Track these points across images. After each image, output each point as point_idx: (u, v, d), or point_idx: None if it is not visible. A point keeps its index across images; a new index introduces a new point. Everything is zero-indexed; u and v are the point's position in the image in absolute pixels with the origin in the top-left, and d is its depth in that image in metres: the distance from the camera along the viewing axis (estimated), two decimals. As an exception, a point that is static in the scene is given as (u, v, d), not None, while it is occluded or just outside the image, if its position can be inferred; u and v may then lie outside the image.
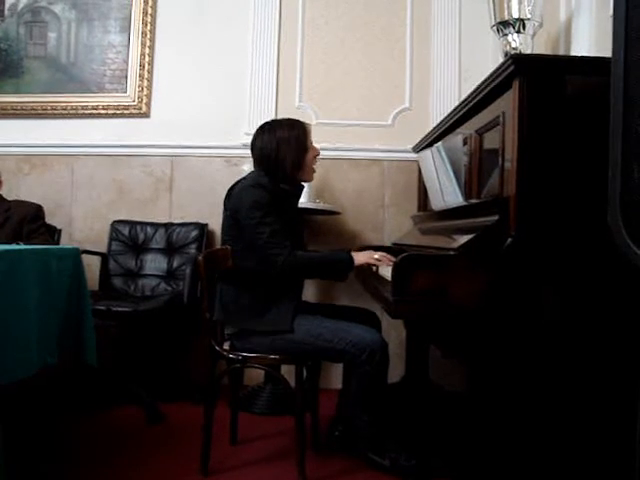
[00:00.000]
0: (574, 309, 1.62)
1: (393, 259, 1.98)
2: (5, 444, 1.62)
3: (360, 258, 2.09)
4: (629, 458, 1.24)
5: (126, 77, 3.36)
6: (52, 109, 3.38)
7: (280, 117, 2.33)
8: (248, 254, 2.07)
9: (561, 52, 2.35)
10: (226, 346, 2.10)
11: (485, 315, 1.61)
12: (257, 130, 2.21)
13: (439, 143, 2.21)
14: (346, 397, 2.19)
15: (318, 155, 2.24)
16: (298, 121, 2.22)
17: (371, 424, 2.03)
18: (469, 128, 2.10)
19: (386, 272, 1.86)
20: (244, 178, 2.16)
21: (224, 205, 2.17)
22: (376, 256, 2.09)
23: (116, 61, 3.38)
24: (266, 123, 2.22)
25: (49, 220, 3.02)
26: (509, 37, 2.27)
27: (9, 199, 2.97)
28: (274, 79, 3.28)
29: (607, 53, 1.15)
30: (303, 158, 2.16)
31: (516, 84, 1.64)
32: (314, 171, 2.26)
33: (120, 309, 2.58)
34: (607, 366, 1.61)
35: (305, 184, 2.28)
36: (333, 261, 2.12)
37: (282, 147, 2.12)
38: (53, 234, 2.98)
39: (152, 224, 3.26)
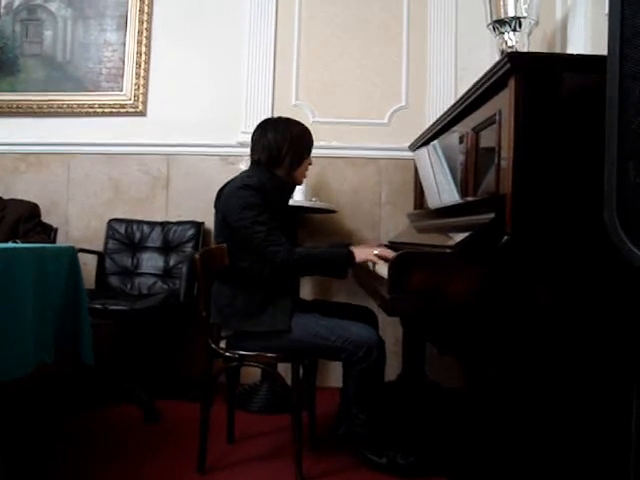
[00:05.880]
0: (570, 307, 1.62)
1: (393, 253, 1.98)
2: (2, 442, 1.62)
3: (361, 255, 2.07)
4: (625, 452, 1.25)
5: (122, 75, 3.35)
6: (48, 107, 3.37)
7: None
8: (242, 255, 2.07)
9: (557, 50, 2.36)
10: (223, 344, 2.10)
11: (481, 312, 1.61)
12: (269, 120, 2.25)
13: (435, 141, 2.21)
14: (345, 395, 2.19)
15: (311, 165, 2.29)
16: (309, 130, 2.26)
17: (368, 422, 2.04)
18: (465, 126, 2.10)
19: (383, 270, 1.86)
20: (233, 180, 2.16)
21: (215, 207, 2.18)
22: (376, 252, 2.06)
23: (112, 59, 3.37)
24: (280, 118, 2.26)
25: (45, 218, 3.01)
26: (505, 35, 2.27)
27: (5, 197, 2.96)
28: (270, 77, 3.28)
29: (603, 51, 1.15)
30: (302, 161, 2.21)
31: (512, 82, 1.64)
32: (305, 176, 2.31)
33: (116, 308, 2.58)
34: (603, 363, 1.61)
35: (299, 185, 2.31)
36: (332, 257, 2.10)
37: (294, 142, 2.17)
38: (49, 233, 2.97)
39: (148, 222, 3.25)
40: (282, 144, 2.15)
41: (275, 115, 2.54)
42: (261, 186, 2.07)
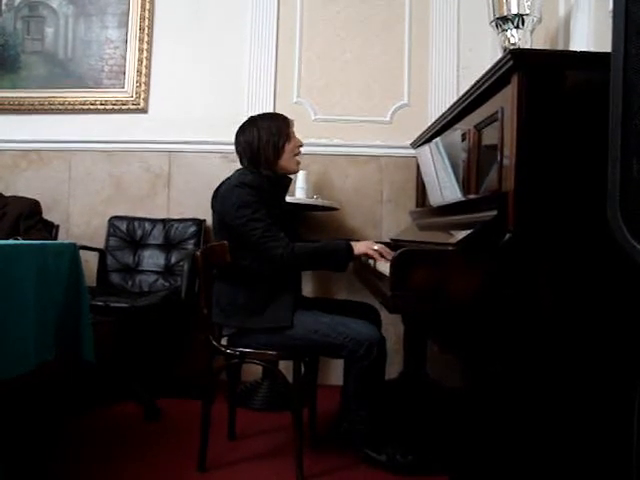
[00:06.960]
0: (573, 304, 1.62)
1: (392, 253, 1.97)
2: (3, 440, 1.61)
3: (360, 247, 2.08)
4: (628, 450, 1.24)
5: (124, 72, 3.35)
6: (49, 104, 3.37)
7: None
8: (242, 253, 2.07)
9: (560, 48, 2.34)
10: (224, 342, 2.10)
11: (483, 310, 1.60)
12: (240, 126, 2.26)
13: (437, 139, 2.21)
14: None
15: (301, 146, 2.27)
16: (279, 114, 2.28)
17: (368, 420, 2.03)
18: (468, 123, 2.10)
19: (384, 267, 1.85)
20: (228, 178, 2.16)
21: (212, 207, 2.17)
22: (375, 247, 2.06)
23: (114, 56, 3.36)
24: (248, 118, 2.27)
25: (46, 216, 3.01)
26: (508, 33, 2.26)
27: (6, 195, 2.96)
28: (272, 74, 3.27)
29: (606, 49, 1.14)
30: (283, 147, 2.19)
31: (515, 79, 1.63)
32: (298, 162, 2.28)
33: (118, 305, 2.58)
34: (606, 360, 1.61)
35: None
36: (332, 251, 2.09)
37: (262, 136, 2.16)
38: (50, 230, 2.97)
39: (150, 220, 3.25)
40: (251, 144, 2.17)
41: (276, 112, 2.53)
42: (257, 183, 2.07)
